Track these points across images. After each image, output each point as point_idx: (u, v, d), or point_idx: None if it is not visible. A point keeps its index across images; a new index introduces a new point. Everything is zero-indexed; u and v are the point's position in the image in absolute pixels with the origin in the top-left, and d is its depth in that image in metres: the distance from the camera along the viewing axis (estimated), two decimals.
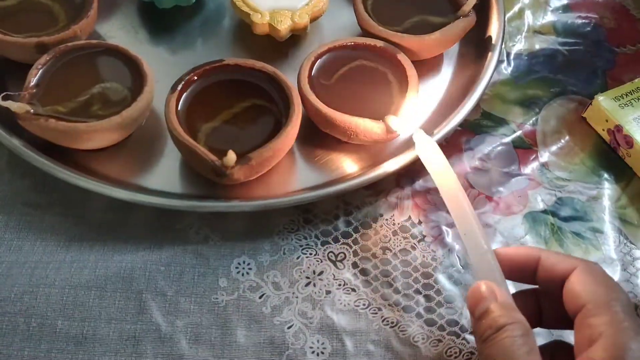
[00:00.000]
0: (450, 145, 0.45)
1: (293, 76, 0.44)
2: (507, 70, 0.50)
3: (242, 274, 0.38)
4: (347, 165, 0.44)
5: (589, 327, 0.28)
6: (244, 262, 0.39)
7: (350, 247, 0.40)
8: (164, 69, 0.47)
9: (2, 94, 0.38)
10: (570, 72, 0.50)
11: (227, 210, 0.39)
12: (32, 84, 0.40)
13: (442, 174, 0.36)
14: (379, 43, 0.45)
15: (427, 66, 0.48)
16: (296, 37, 0.50)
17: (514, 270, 0.33)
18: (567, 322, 0.31)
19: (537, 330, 0.34)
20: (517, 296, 0.33)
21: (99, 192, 0.39)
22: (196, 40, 0.50)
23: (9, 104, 0.38)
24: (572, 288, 0.30)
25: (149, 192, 0.40)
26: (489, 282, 0.31)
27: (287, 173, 0.43)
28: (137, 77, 0.42)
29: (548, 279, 0.32)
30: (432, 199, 0.43)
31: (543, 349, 0.33)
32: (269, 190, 0.42)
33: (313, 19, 0.48)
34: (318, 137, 0.44)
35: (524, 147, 0.46)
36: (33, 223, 0.39)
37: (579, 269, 0.30)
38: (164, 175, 0.42)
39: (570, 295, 0.30)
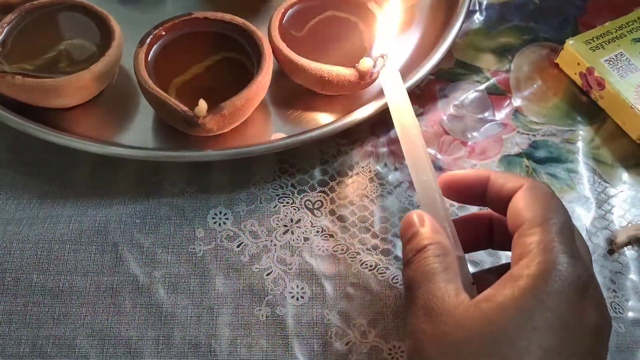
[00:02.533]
0: (425, 94, 0.45)
1: (264, 30, 0.44)
2: (479, 19, 0.50)
3: (219, 224, 0.38)
4: (321, 117, 0.43)
5: (522, 246, 0.27)
6: (220, 213, 0.38)
7: (327, 195, 0.40)
8: (134, 28, 0.46)
9: None
10: (541, 19, 0.51)
11: (202, 160, 0.39)
12: None
13: (401, 103, 0.35)
14: None
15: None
16: None
17: (465, 192, 0.33)
18: None
19: None
20: (470, 219, 0.34)
21: (71, 146, 0.38)
22: (167, 1, 0.49)
23: None
24: (515, 206, 0.29)
25: (123, 146, 0.40)
26: (420, 212, 0.31)
27: (261, 126, 0.43)
28: (104, 32, 0.41)
29: (496, 199, 0.31)
30: None
31: (492, 269, 0.34)
32: (243, 142, 0.42)
33: None
34: (291, 90, 0.44)
35: (498, 94, 0.46)
36: (4, 181, 0.39)
37: (524, 188, 0.30)
38: (138, 132, 0.42)
39: (512, 213, 0.29)
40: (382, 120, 0.43)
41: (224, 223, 0.38)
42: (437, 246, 0.29)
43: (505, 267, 0.28)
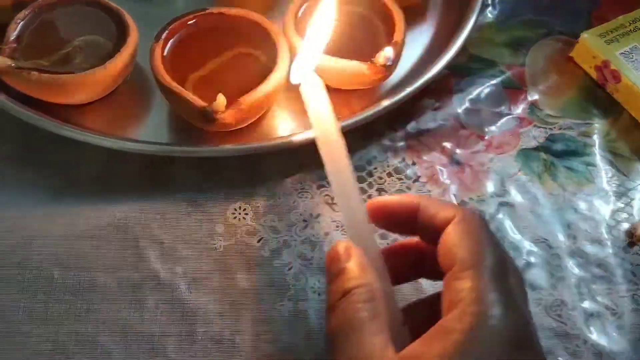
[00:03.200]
0: (441, 88, 0.45)
1: (279, 25, 0.44)
2: (492, 14, 0.50)
3: (239, 219, 0.38)
4: (338, 112, 0.43)
5: (453, 291, 0.25)
6: (239, 208, 0.38)
7: None
8: (147, 24, 0.45)
9: None
10: (555, 13, 0.50)
11: (220, 155, 0.38)
12: (11, 38, 0.39)
13: (322, 118, 0.31)
14: None
15: (411, 13, 0.48)
16: None
17: (394, 220, 0.30)
18: None
19: None
20: (398, 247, 0.31)
21: (86, 142, 0.38)
22: None
23: None
24: (446, 242, 0.27)
25: (139, 142, 0.39)
26: (346, 242, 0.28)
27: (277, 121, 0.43)
28: (119, 28, 0.41)
29: (427, 229, 0.29)
30: (425, 141, 0.43)
31: (428, 299, 0.31)
32: (259, 138, 0.41)
33: None
34: None
35: (513, 87, 0.46)
36: (19, 177, 0.38)
37: (455, 221, 0.27)
38: (152, 128, 0.42)
39: (444, 249, 0.27)
40: (399, 115, 0.43)
41: (244, 218, 0.38)
42: (365, 289, 0.26)
43: (437, 298, 0.27)
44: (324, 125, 0.31)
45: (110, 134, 0.40)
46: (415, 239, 0.31)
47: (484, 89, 0.46)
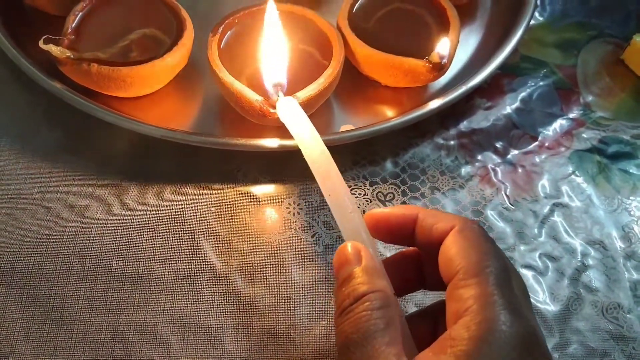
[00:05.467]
0: (492, 88, 0.45)
1: (332, 21, 0.44)
2: (542, 15, 0.50)
3: (293, 214, 0.38)
4: (387, 109, 0.43)
5: (458, 300, 0.25)
6: (294, 203, 0.38)
7: (399, 187, 0.40)
8: (202, 14, 0.46)
9: (43, 37, 0.37)
10: (604, 15, 0.50)
11: (280, 150, 0.38)
12: (70, 29, 0.40)
13: (306, 136, 0.32)
14: None
15: (462, 13, 0.48)
16: None
17: (392, 232, 0.29)
18: None
19: None
20: (397, 258, 0.31)
21: (143, 132, 0.38)
22: None
23: (50, 47, 0.37)
24: (446, 252, 0.26)
25: (205, 135, 0.39)
26: (356, 243, 0.28)
27: (329, 118, 0.43)
28: (175, 22, 0.41)
29: (426, 240, 0.28)
30: (478, 140, 0.42)
31: (428, 310, 0.31)
32: None
33: None
34: (358, 82, 0.43)
35: (566, 88, 0.46)
36: (78, 169, 0.39)
37: (455, 230, 0.27)
38: (205, 121, 0.42)
39: (444, 259, 0.26)
40: (451, 113, 0.43)
41: (298, 213, 0.38)
42: (379, 295, 0.25)
43: (441, 307, 0.26)
44: (309, 142, 0.32)
45: (165, 126, 0.40)
46: (414, 249, 0.30)
47: (535, 89, 0.45)
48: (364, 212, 0.38)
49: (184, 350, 0.33)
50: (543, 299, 0.36)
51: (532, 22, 0.49)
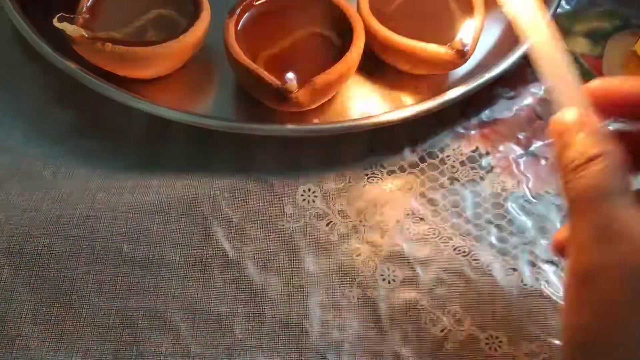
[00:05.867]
0: (516, 77, 0.43)
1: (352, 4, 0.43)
2: (569, 3, 0.48)
3: (308, 202, 0.37)
4: (407, 97, 0.42)
5: None
6: (309, 190, 0.37)
7: (417, 177, 0.39)
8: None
9: (57, 15, 0.36)
10: (632, 4, 0.48)
11: (294, 135, 0.37)
12: (85, 8, 0.39)
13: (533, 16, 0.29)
14: None
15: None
16: None
17: (619, 104, 0.26)
18: None
19: None
20: (627, 134, 0.27)
21: (156, 114, 0.37)
22: None
23: (64, 25, 0.37)
24: None
25: (219, 119, 0.39)
26: (576, 108, 0.25)
27: (346, 104, 0.42)
28: (192, 2, 0.40)
29: None
30: (500, 130, 0.41)
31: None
32: (328, 119, 0.40)
33: None
34: (375, 67, 0.42)
35: (591, 79, 0.44)
36: (89, 150, 0.38)
37: None
38: (220, 105, 0.41)
39: None
40: (472, 102, 0.42)
41: (313, 201, 0.37)
42: (613, 156, 0.23)
43: None
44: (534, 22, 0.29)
45: (179, 108, 0.40)
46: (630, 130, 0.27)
47: None
48: (380, 202, 0.37)
49: (193, 337, 0.32)
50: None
51: (559, 10, 0.47)
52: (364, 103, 0.42)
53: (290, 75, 0.36)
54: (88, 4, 0.39)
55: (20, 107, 0.40)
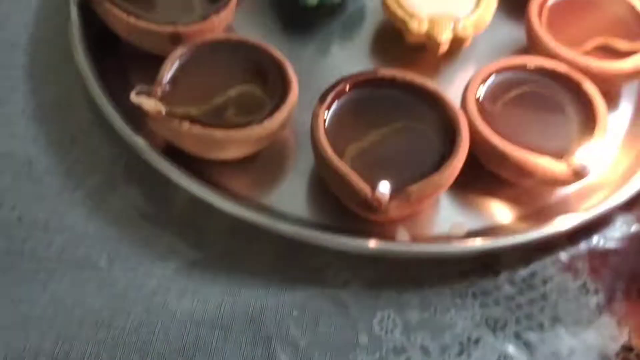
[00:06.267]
0: (637, 199, 0.37)
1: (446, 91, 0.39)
2: None
3: (386, 332, 0.32)
4: (508, 210, 0.37)
5: None
6: (388, 317, 0.33)
7: (513, 312, 0.33)
8: (299, 72, 0.41)
9: (136, 89, 0.33)
10: None
11: (376, 254, 0.33)
12: (165, 80, 0.36)
13: None
14: (561, 67, 0.38)
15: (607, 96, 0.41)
16: (448, 50, 0.43)
17: None
18: None
19: None
20: None
21: (224, 209, 0.33)
22: (335, 43, 0.44)
23: (141, 100, 0.33)
24: None
25: (280, 217, 0.35)
26: None
27: (436, 210, 0.37)
28: (279, 82, 0.36)
29: None
30: (614, 263, 0.35)
31: None
32: (416, 228, 0.36)
33: (476, 32, 0.42)
34: (476, 172, 0.37)
35: None
36: (150, 240, 0.34)
37: None
38: (296, 196, 0.37)
39: None
40: (582, 227, 0.36)
41: (392, 331, 0.32)
42: None
43: None
44: None
45: (248, 198, 0.36)
46: None
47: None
48: (468, 339, 0.32)
49: None
50: None
51: None
52: (457, 210, 0.37)
53: (383, 185, 0.32)
54: (169, 75, 0.36)
55: (86, 178, 0.37)
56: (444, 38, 0.40)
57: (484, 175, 0.37)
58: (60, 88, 0.40)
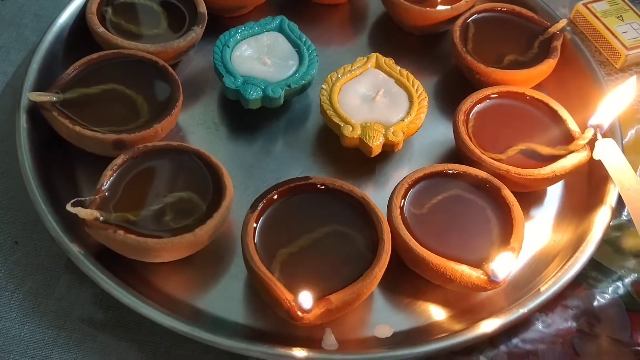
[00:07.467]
0: (554, 300, 0.39)
1: (379, 194, 0.42)
2: (624, 214, 0.44)
3: None
4: (432, 308, 0.39)
5: None
6: None
7: None
8: (240, 172, 0.44)
9: (72, 200, 0.35)
10: None
11: None
12: (104, 186, 0.37)
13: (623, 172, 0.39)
14: (482, 174, 0.41)
15: (527, 199, 0.43)
16: (382, 152, 0.45)
17: None
18: None
19: None
20: None
21: (156, 320, 0.35)
22: (277, 143, 0.46)
23: (77, 210, 0.35)
24: None
25: (213, 328, 0.36)
26: None
27: (363, 313, 0.38)
28: (216, 188, 0.38)
29: None
30: None
31: None
32: (343, 331, 0.37)
33: (407, 136, 0.44)
34: (402, 273, 0.39)
35: (638, 310, 0.40)
36: (84, 342, 0.35)
37: None
38: (229, 298, 0.38)
39: None
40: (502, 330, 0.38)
41: None
42: None
43: None
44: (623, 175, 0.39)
45: (183, 302, 0.38)
46: None
47: (603, 307, 0.40)
48: None
49: None
50: None
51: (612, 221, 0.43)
52: (384, 313, 0.38)
53: (304, 296, 0.33)
54: (109, 182, 0.38)
55: (25, 280, 0.38)
56: (375, 143, 0.43)
57: (413, 276, 0.39)
58: (5, 189, 0.42)
